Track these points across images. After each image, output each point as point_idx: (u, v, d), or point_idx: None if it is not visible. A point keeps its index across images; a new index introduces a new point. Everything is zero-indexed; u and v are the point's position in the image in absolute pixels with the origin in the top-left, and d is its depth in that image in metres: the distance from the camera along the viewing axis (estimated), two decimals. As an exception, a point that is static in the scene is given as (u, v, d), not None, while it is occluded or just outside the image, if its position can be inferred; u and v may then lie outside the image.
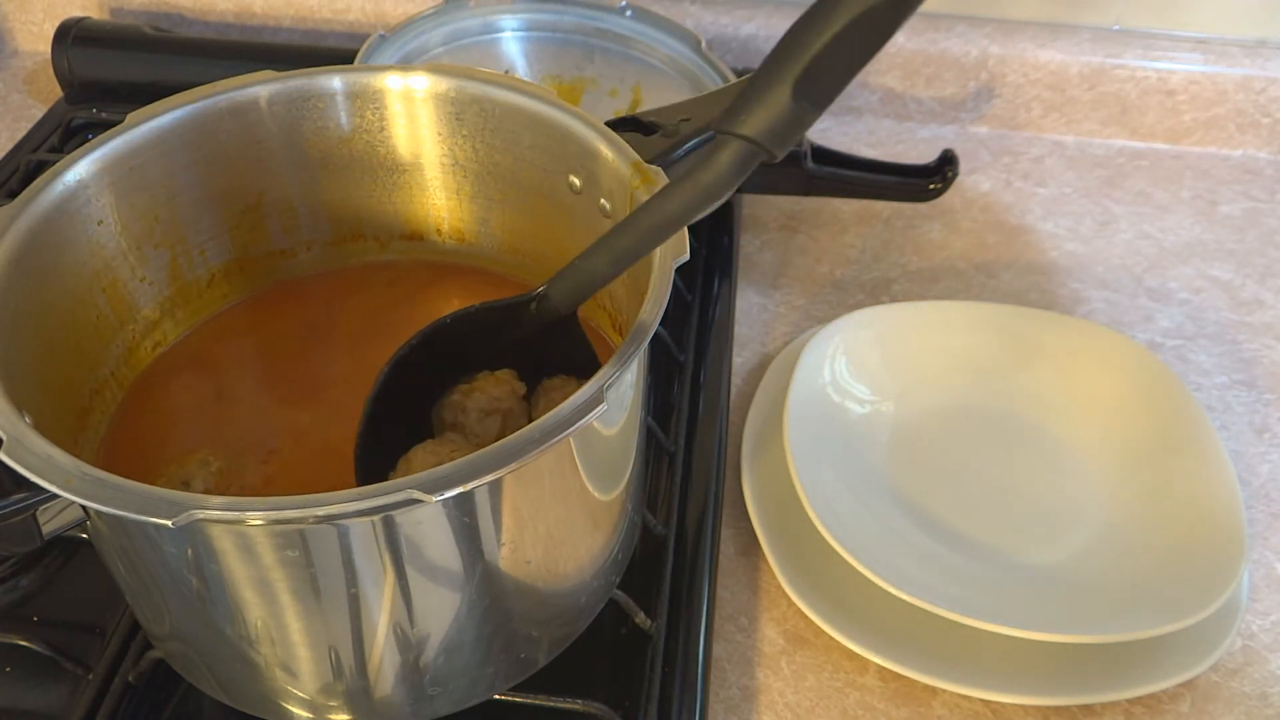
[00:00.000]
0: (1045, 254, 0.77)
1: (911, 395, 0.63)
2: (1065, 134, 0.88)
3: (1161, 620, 0.49)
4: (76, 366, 0.47)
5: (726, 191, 0.37)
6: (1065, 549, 0.56)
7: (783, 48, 0.35)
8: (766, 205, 0.80)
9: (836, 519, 0.53)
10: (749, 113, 0.35)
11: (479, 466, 0.34)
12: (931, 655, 0.51)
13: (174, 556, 0.37)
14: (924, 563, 0.54)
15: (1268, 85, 0.83)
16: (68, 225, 0.45)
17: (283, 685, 0.42)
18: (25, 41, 0.94)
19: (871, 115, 0.90)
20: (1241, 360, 0.69)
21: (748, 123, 0.35)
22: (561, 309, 0.44)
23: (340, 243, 0.57)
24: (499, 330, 0.46)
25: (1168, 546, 0.54)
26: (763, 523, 0.56)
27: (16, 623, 0.51)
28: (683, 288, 0.69)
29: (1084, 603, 0.52)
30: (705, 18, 0.86)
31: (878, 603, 0.52)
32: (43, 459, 0.34)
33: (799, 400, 0.59)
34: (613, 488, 0.45)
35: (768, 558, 0.54)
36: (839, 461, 0.58)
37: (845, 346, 0.63)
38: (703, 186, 0.37)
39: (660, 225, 0.39)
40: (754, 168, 0.37)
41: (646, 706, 0.48)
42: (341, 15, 0.89)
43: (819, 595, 0.53)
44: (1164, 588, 0.52)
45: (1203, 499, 0.55)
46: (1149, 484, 0.58)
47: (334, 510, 0.33)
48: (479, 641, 0.42)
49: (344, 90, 0.52)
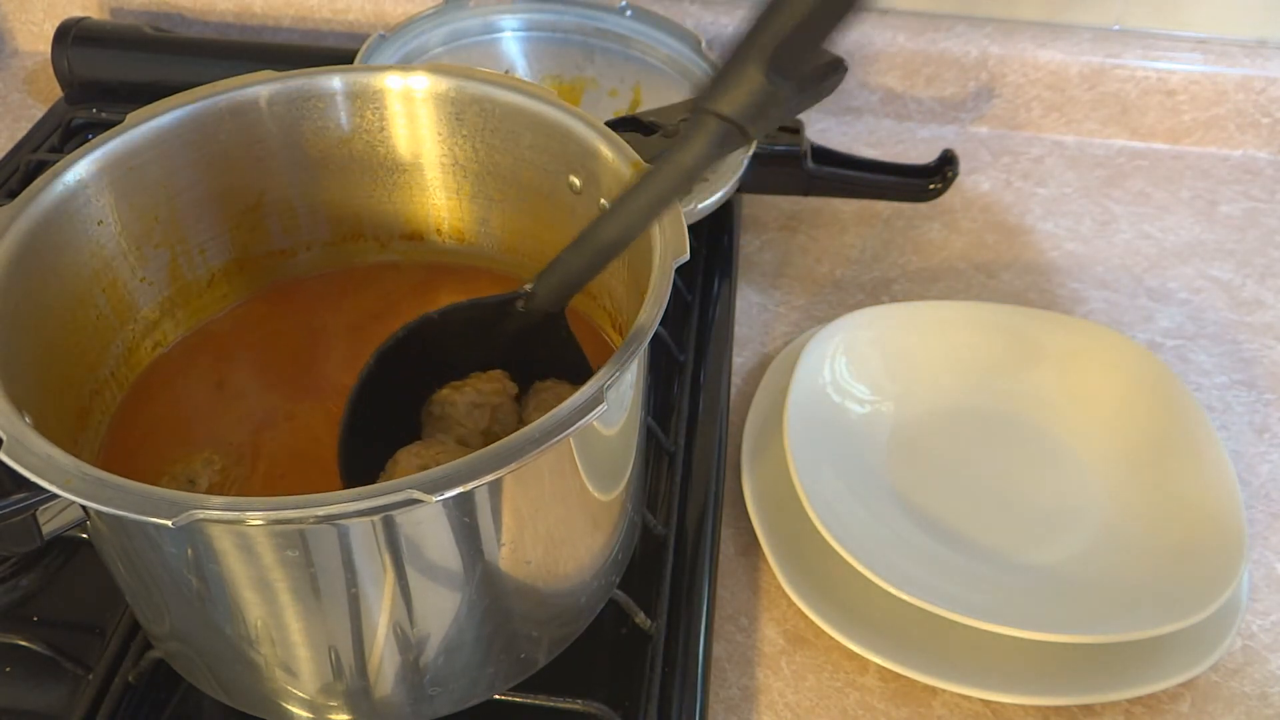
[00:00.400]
0: (1045, 254, 0.77)
1: (911, 395, 0.63)
2: (1065, 134, 0.88)
3: (1161, 620, 0.49)
4: (76, 366, 0.47)
5: (703, 170, 0.37)
6: (1065, 549, 0.56)
7: (754, 23, 0.35)
8: (766, 205, 0.80)
9: (836, 519, 0.53)
10: (723, 91, 0.35)
11: (479, 466, 0.34)
12: (931, 655, 0.51)
13: (174, 556, 0.37)
14: (924, 563, 0.54)
15: (1268, 85, 0.83)
16: (68, 225, 0.45)
17: (283, 685, 0.42)
18: (25, 41, 0.94)
19: (871, 115, 0.90)
20: (1241, 360, 0.69)
21: (722, 100, 0.35)
22: (549, 306, 0.44)
23: (340, 243, 0.57)
24: (488, 329, 0.46)
25: (1168, 547, 0.54)
26: (763, 522, 0.56)
27: (16, 623, 0.51)
28: (683, 288, 0.69)
29: (1084, 603, 0.52)
30: (705, 18, 0.86)
31: (878, 603, 0.52)
32: (43, 459, 0.34)
33: (799, 400, 0.59)
34: (613, 488, 0.45)
35: (768, 558, 0.54)
36: (839, 461, 0.58)
37: (845, 346, 0.63)
38: (681, 167, 0.37)
39: (643, 210, 0.39)
40: (732, 147, 0.36)
41: (646, 706, 0.48)
42: (341, 15, 0.89)
43: (819, 595, 0.53)
44: (1164, 588, 0.52)
45: (1203, 499, 0.55)
46: (1149, 484, 0.58)
47: (334, 510, 0.33)
48: (479, 641, 0.42)
49: (344, 90, 0.52)
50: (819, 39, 0.35)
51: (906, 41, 0.85)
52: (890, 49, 0.86)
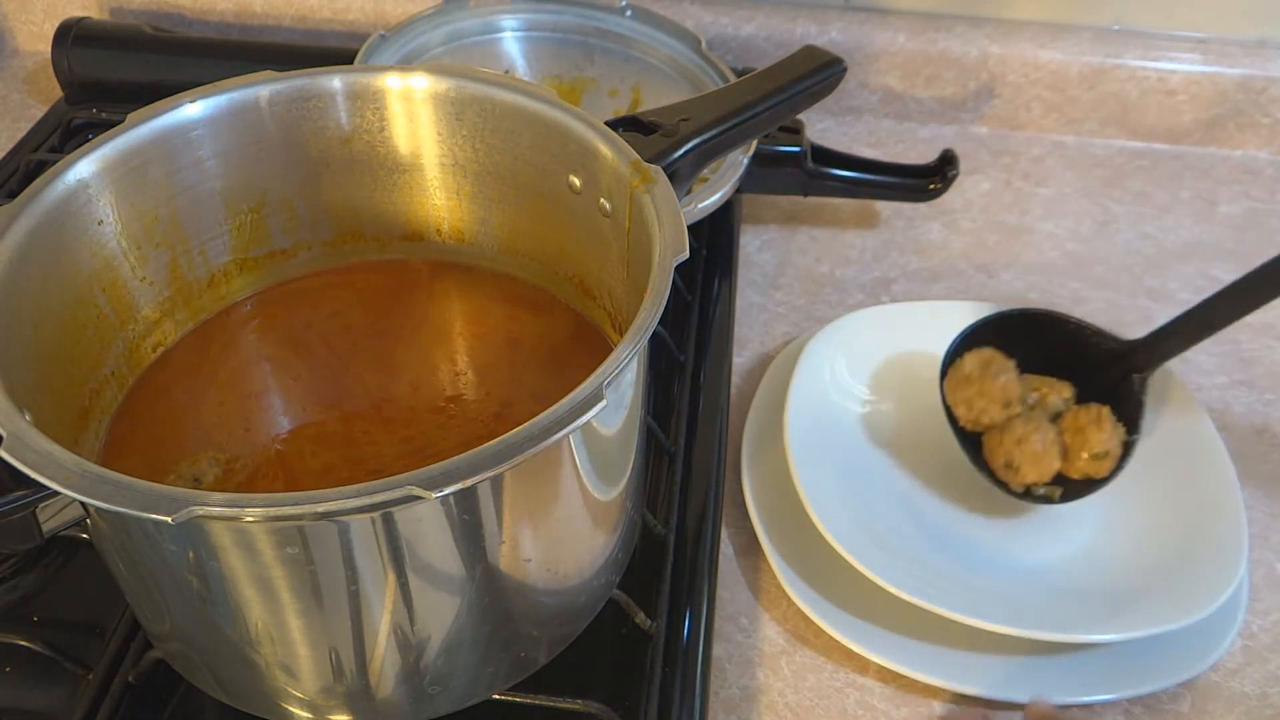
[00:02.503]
0: (1045, 254, 0.77)
1: (912, 395, 0.63)
2: (1065, 134, 0.88)
3: (1161, 620, 0.49)
4: (77, 366, 0.47)
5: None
6: (1064, 548, 0.56)
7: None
8: (766, 205, 0.80)
9: (836, 519, 0.53)
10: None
11: (479, 463, 0.34)
12: (932, 655, 0.51)
13: (174, 554, 0.37)
14: (924, 563, 0.54)
15: (1268, 85, 0.83)
16: (68, 225, 0.45)
17: (283, 684, 0.42)
18: (25, 41, 0.94)
19: (871, 115, 0.90)
20: (1241, 360, 0.69)
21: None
22: (1142, 367, 0.56)
23: (340, 243, 0.57)
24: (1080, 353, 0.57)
25: (1167, 546, 0.54)
26: (763, 522, 0.56)
27: (16, 623, 0.51)
28: (683, 288, 0.69)
29: (1083, 602, 0.52)
30: (705, 18, 0.86)
31: (878, 603, 0.52)
32: (42, 455, 0.34)
33: (799, 400, 0.59)
34: (613, 487, 0.45)
35: (768, 557, 0.54)
36: (839, 461, 0.58)
37: (845, 346, 0.63)
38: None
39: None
40: None
41: (646, 706, 0.48)
42: (341, 15, 0.89)
43: (819, 595, 0.53)
44: (1163, 587, 0.52)
45: (1202, 499, 0.56)
46: (1148, 483, 0.58)
47: (333, 507, 0.33)
48: (479, 640, 0.42)
49: (344, 90, 0.52)
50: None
51: (906, 41, 0.86)
52: (890, 49, 0.86)
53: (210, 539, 0.36)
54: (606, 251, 0.50)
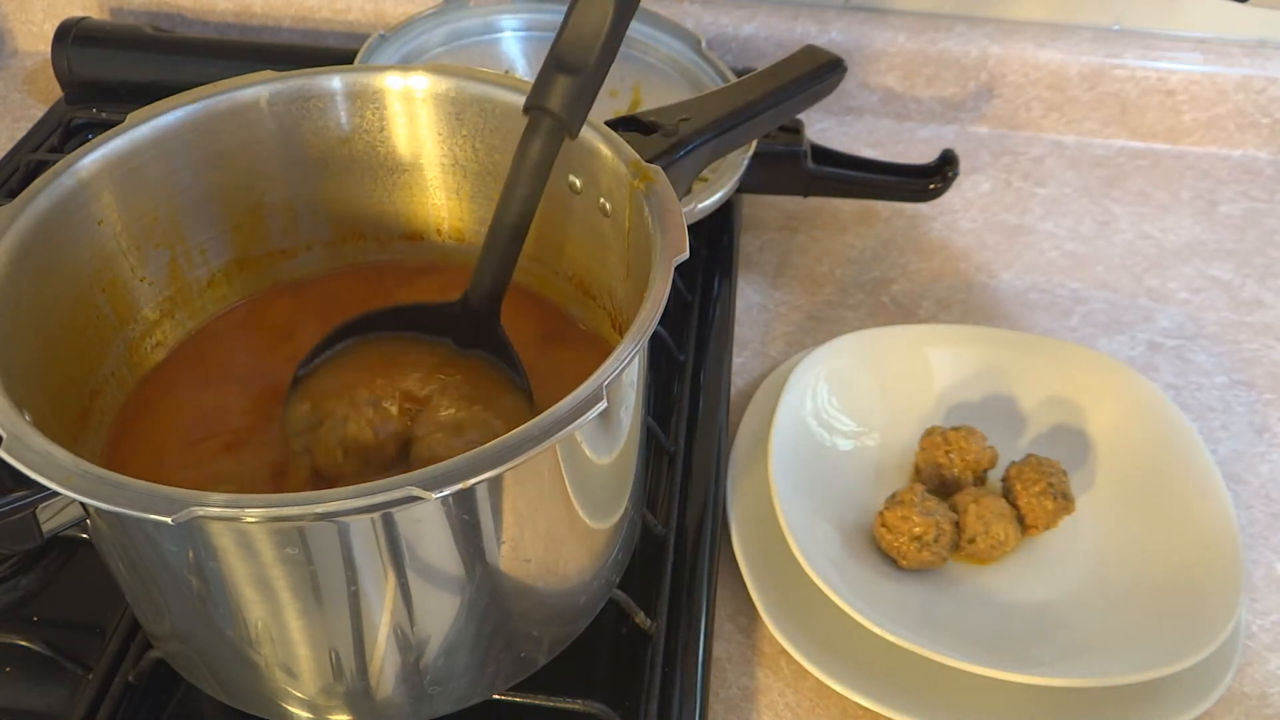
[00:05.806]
0: (1045, 254, 0.77)
1: (897, 427, 0.61)
2: (1065, 134, 0.88)
3: (1155, 664, 0.48)
4: (77, 366, 0.47)
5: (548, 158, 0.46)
6: (1055, 587, 0.54)
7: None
8: (766, 205, 0.80)
9: (823, 558, 0.52)
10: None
11: (478, 463, 0.34)
12: (919, 697, 0.49)
13: (174, 555, 0.37)
14: (913, 603, 0.53)
15: (1268, 85, 0.83)
16: (68, 225, 0.45)
17: (283, 684, 0.42)
18: (25, 41, 0.94)
19: (871, 115, 0.90)
20: (1241, 360, 0.69)
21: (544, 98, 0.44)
22: (482, 306, 0.49)
23: (340, 243, 0.57)
24: (432, 332, 0.51)
25: (1162, 584, 0.53)
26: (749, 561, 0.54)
27: (16, 623, 0.51)
28: (683, 288, 0.69)
29: (1075, 643, 0.51)
30: (705, 18, 0.86)
31: (868, 644, 0.50)
32: (42, 456, 0.34)
33: (782, 438, 0.57)
34: (613, 488, 0.45)
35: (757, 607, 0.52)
36: (825, 500, 0.56)
37: (828, 375, 0.61)
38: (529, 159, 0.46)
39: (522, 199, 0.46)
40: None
41: (646, 706, 0.48)
42: (341, 15, 0.89)
43: (806, 637, 0.51)
44: (1158, 628, 0.50)
45: (1197, 536, 0.54)
46: (1142, 520, 0.56)
47: (333, 507, 0.33)
48: (479, 640, 0.42)
49: (344, 90, 0.52)
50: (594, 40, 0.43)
51: (906, 41, 0.86)
52: (890, 49, 0.86)
53: (210, 539, 0.36)
54: (606, 251, 0.50)
